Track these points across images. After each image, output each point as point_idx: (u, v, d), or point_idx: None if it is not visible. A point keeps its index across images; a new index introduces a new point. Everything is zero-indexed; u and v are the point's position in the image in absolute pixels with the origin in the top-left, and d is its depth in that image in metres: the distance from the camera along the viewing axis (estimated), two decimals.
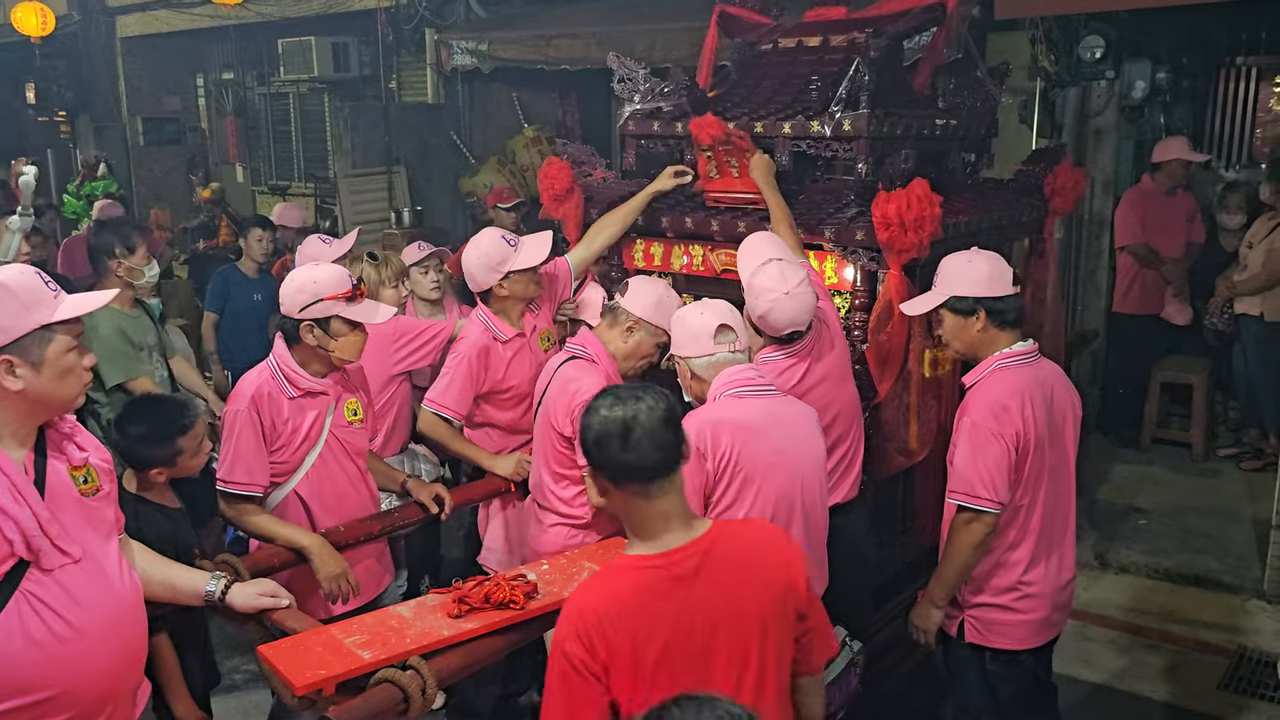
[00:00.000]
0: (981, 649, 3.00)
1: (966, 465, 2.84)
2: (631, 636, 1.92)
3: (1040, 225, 4.27)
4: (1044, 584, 2.95)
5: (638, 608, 1.94)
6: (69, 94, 12.41)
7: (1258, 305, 5.84)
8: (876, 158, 3.54)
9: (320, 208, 10.56)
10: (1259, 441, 6.19)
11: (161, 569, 2.57)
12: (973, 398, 2.92)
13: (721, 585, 1.99)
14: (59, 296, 2.19)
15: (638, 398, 1.98)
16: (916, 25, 4.00)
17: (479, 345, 3.64)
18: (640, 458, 1.94)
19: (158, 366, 4.41)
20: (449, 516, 3.47)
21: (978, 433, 2.83)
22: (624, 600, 1.95)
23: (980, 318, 2.94)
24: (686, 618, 1.96)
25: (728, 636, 1.99)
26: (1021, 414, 2.83)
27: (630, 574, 1.99)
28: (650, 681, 1.92)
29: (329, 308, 3.06)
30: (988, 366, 2.94)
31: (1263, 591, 4.82)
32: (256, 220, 6.38)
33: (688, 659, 1.96)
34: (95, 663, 2.19)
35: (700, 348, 2.83)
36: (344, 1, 9.20)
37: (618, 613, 1.93)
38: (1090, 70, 6.16)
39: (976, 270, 2.95)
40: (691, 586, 1.97)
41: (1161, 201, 6.32)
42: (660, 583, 1.96)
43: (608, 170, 4.27)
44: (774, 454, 2.73)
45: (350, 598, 3.11)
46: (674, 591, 1.96)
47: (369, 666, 2.34)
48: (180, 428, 3.04)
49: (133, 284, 4.33)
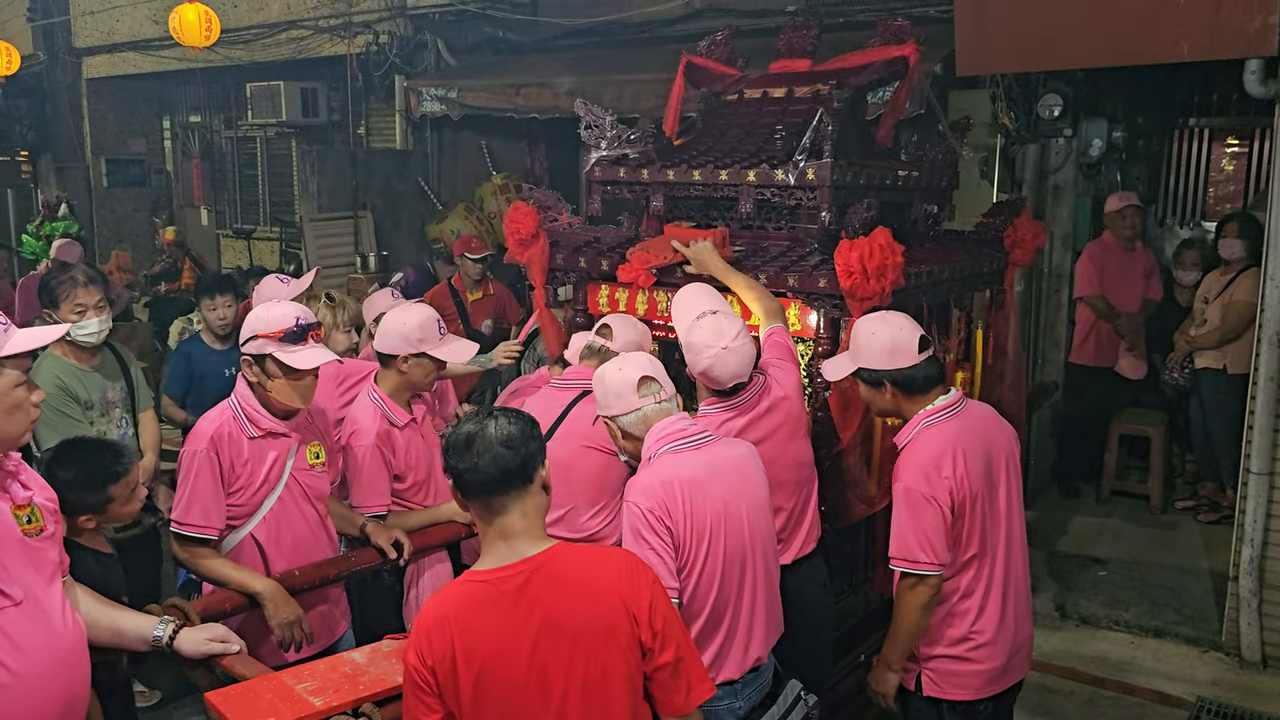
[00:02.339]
0: (939, 701, 2.98)
1: (905, 531, 2.83)
2: (453, 646, 1.99)
3: (1001, 276, 4.32)
4: (996, 631, 2.94)
5: (464, 619, 2.02)
6: (31, 134, 12.32)
7: (1219, 359, 5.94)
8: (839, 206, 3.57)
9: (285, 251, 10.52)
10: (1215, 495, 6.26)
11: (107, 613, 2.51)
12: (904, 461, 2.90)
13: (544, 605, 2.03)
14: (8, 330, 2.15)
15: (494, 416, 2.09)
16: (879, 78, 4.07)
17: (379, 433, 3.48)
18: (476, 471, 2.04)
19: (113, 425, 4.16)
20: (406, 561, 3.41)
21: (911, 497, 2.82)
22: (451, 611, 2.03)
23: (887, 389, 2.95)
24: (510, 634, 2.01)
25: (546, 657, 2.01)
26: (954, 472, 2.82)
27: (464, 587, 2.08)
28: (471, 702, 1.98)
29: (262, 346, 3.01)
30: (914, 427, 2.94)
31: (1220, 644, 4.85)
32: (211, 283, 5.26)
33: (503, 678, 2.00)
34: (34, 708, 2.12)
35: (625, 404, 2.72)
36: (313, 47, 9.24)
37: (444, 621, 2.02)
38: (1049, 128, 6.30)
39: (880, 341, 2.93)
40: (515, 603, 2.02)
41: (1120, 256, 6.46)
42: (486, 596, 2.03)
43: (574, 216, 4.28)
44: (719, 509, 2.64)
45: (304, 645, 3.05)
46: (497, 607, 2.02)
47: (320, 714, 2.29)
48: (112, 475, 2.91)
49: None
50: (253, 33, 9.61)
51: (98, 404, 4.13)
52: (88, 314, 4.04)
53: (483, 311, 6.40)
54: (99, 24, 11.30)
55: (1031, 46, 4.64)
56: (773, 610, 2.83)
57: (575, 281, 4.15)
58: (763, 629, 2.77)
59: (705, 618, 2.65)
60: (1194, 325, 6.08)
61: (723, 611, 2.68)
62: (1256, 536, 4.64)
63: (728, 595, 2.68)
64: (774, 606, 2.85)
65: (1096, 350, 6.54)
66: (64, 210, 10.56)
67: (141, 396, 4.37)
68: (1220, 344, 5.91)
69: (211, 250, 11.53)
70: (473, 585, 2.06)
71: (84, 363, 4.13)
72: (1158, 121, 7.09)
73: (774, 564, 2.86)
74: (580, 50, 7.94)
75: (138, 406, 4.34)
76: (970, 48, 4.72)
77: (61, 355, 4.08)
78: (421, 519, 3.56)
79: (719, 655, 2.70)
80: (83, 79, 11.76)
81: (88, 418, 4.06)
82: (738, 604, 2.70)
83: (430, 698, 2.03)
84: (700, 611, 2.65)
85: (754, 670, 2.76)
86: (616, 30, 7.65)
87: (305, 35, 9.26)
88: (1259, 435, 4.60)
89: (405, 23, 8.66)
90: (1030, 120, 6.30)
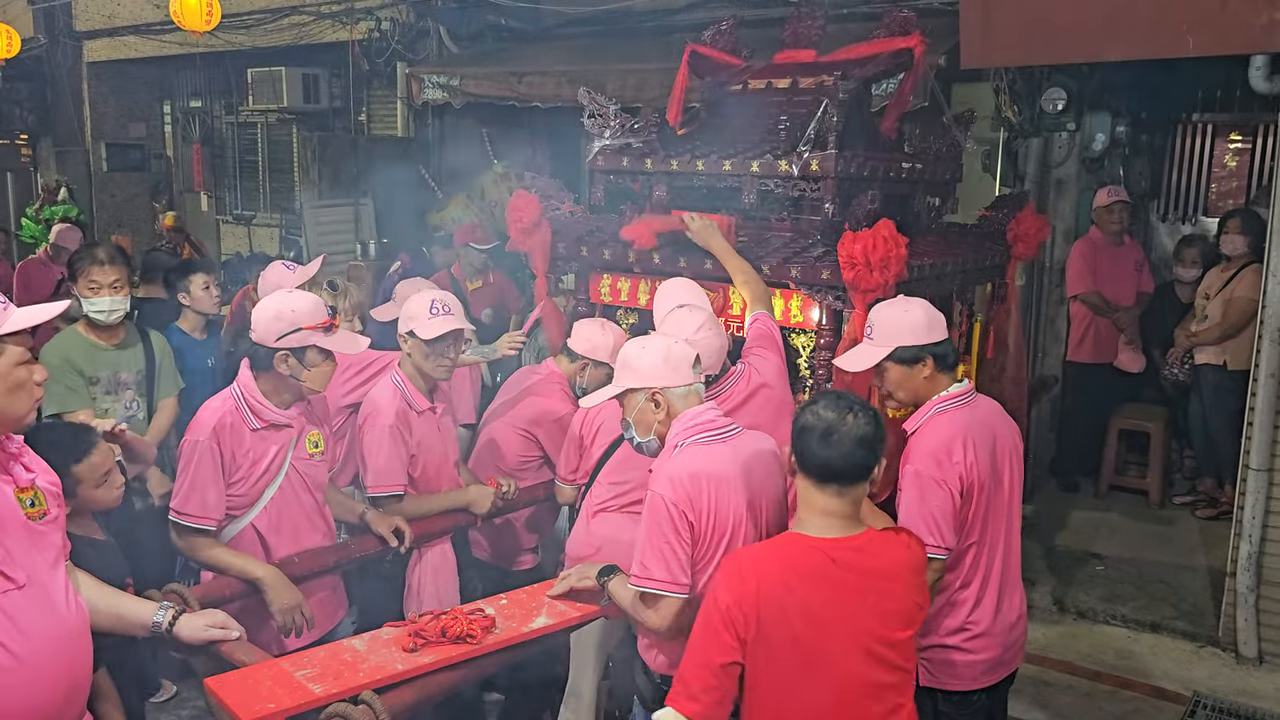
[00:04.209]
0: (934, 691, 2.98)
1: (912, 513, 2.83)
2: (777, 599, 2.17)
3: (1003, 270, 4.32)
4: (992, 621, 2.95)
5: (788, 577, 2.19)
6: (31, 117, 12.30)
7: (1220, 355, 5.93)
8: (843, 198, 3.57)
9: (285, 238, 10.49)
10: (1213, 491, 6.27)
11: (108, 598, 2.50)
12: (915, 445, 2.91)
13: (858, 576, 2.23)
14: (8, 309, 2.14)
15: (853, 410, 2.25)
16: (884, 70, 4.06)
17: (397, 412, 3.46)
18: (827, 459, 2.23)
19: (121, 406, 4.13)
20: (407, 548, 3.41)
21: (921, 481, 2.82)
22: (776, 567, 2.21)
23: (928, 364, 2.95)
24: (829, 601, 2.20)
25: (854, 622, 2.21)
26: (965, 458, 2.83)
27: (793, 547, 2.26)
28: (777, 652, 2.17)
29: (306, 337, 3.01)
30: (927, 411, 2.95)
31: (1217, 639, 4.85)
32: (201, 263, 5.23)
33: (815, 637, 2.19)
34: (38, 693, 2.12)
35: (681, 377, 2.71)
36: (315, 33, 9.21)
37: (770, 576, 2.19)
38: (1052, 122, 6.29)
39: (914, 318, 2.95)
40: (836, 572, 2.21)
41: (1110, 251, 6.45)
42: (814, 561, 2.22)
43: (576, 205, 4.27)
44: (744, 504, 2.62)
45: (304, 632, 3.05)
46: (822, 573, 2.21)
47: (319, 701, 2.29)
48: (73, 456, 2.87)
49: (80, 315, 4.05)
50: (254, 18, 9.57)
51: (105, 381, 4.11)
52: (101, 292, 4.05)
53: (482, 300, 6.38)
54: (100, 7, 11.26)
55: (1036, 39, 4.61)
56: None
57: (577, 271, 4.15)
58: None
59: None
60: (1195, 321, 6.08)
61: None
62: (1255, 533, 4.64)
63: None
64: None
65: (1094, 347, 6.53)
66: (63, 194, 10.55)
67: (164, 382, 4.32)
68: (1221, 340, 5.91)
69: (211, 236, 11.50)
70: (801, 547, 2.25)
71: (101, 340, 4.12)
72: (1161, 117, 7.07)
73: None
74: (583, 39, 7.91)
75: (158, 391, 4.30)
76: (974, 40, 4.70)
77: (81, 330, 4.11)
78: (435, 504, 3.56)
79: None
80: (83, 62, 11.72)
81: (90, 393, 4.04)
82: None
83: (734, 639, 2.18)
84: None
85: None
86: (620, 19, 7.61)
87: (307, 21, 9.23)
88: (1259, 432, 4.60)
89: (407, 9, 8.63)
90: (1033, 114, 6.30)
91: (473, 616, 2.65)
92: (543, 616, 2.78)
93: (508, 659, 2.72)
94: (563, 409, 3.89)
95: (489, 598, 2.95)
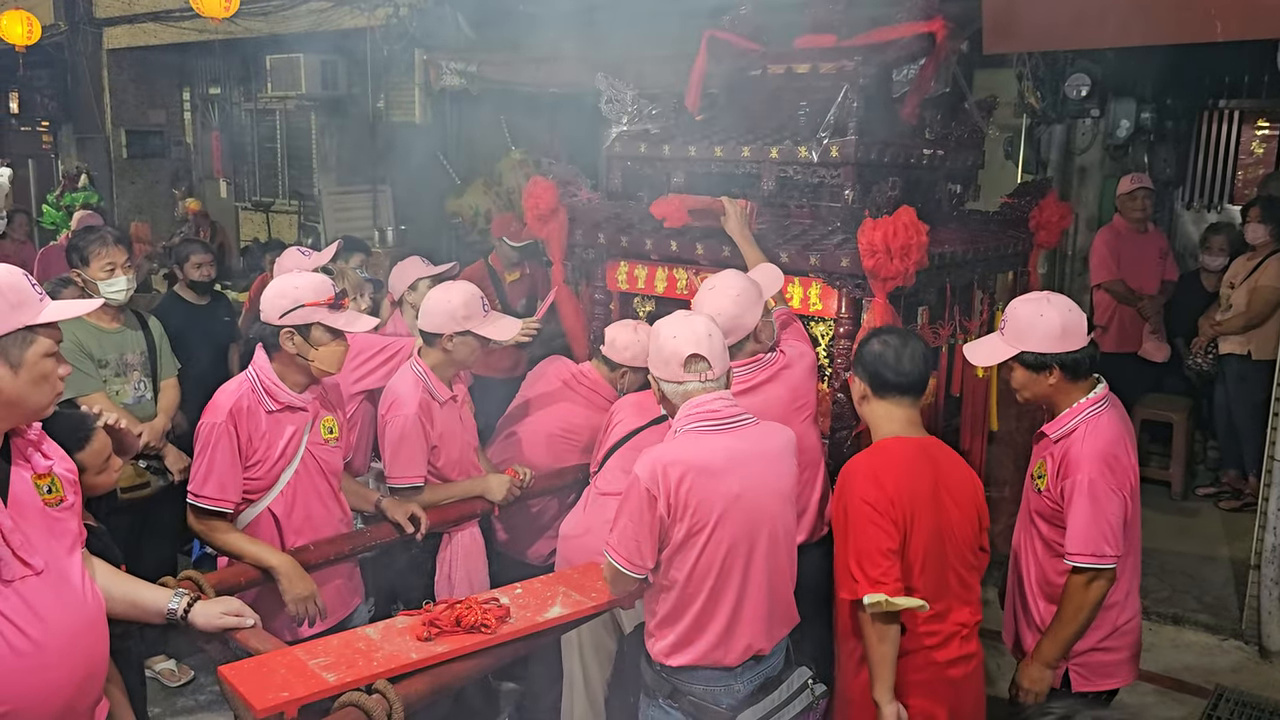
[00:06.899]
0: (1085, 695, 2.96)
1: (1090, 525, 2.75)
2: (905, 484, 2.66)
3: (1025, 259, 4.27)
4: (1133, 617, 2.96)
5: (899, 466, 2.69)
6: (52, 104, 12.34)
7: (1244, 344, 5.86)
8: (863, 184, 3.52)
9: (303, 225, 10.51)
10: (1237, 482, 6.20)
11: (123, 585, 2.50)
12: (1079, 452, 2.81)
13: (937, 468, 2.74)
14: (43, 300, 2.14)
15: (904, 338, 2.79)
16: (906, 54, 4.00)
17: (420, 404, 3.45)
18: (901, 375, 2.74)
19: (130, 387, 4.20)
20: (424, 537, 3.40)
21: (1096, 489, 2.75)
22: (890, 458, 2.71)
23: (1054, 373, 2.84)
24: (924, 481, 2.70)
25: (940, 501, 2.72)
26: (1129, 461, 2.82)
27: (894, 442, 2.76)
28: (909, 531, 2.66)
29: (309, 314, 3.01)
30: (1076, 416, 2.86)
31: (1240, 632, 4.81)
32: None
33: (922, 515, 2.67)
34: (55, 678, 2.12)
35: (670, 373, 2.66)
36: (333, 19, 9.19)
37: (892, 465, 2.69)
38: (1076, 108, 6.21)
39: (1048, 324, 2.82)
40: (924, 461, 2.73)
41: (1134, 239, 6.36)
42: (909, 453, 2.73)
43: (593, 192, 4.25)
44: (729, 498, 2.57)
45: (317, 620, 3.05)
46: (918, 459, 2.73)
47: (333, 689, 2.28)
48: (75, 442, 2.80)
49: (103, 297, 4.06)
50: (273, 4, 9.55)
51: (114, 364, 4.17)
52: (117, 272, 4.13)
53: (519, 291, 6.31)
54: None
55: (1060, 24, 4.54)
56: (778, 604, 2.73)
57: (594, 258, 4.12)
58: (763, 622, 2.67)
59: (702, 602, 2.59)
60: (1220, 310, 6.00)
61: (719, 598, 2.60)
62: (1279, 524, 4.58)
63: (727, 583, 2.60)
64: (780, 600, 2.74)
65: (1119, 336, 6.45)
66: (84, 181, 10.58)
67: (165, 363, 4.40)
68: (1245, 329, 5.83)
69: (230, 222, 11.53)
70: (900, 444, 2.75)
71: (105, 323, 4.17)
72: (1186, 103, 6.97)
73: (786, 558, 2.76)
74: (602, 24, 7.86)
75: (160, 373, 4.36)
76: (998, 25, 4.63)
77: (90, 318, 4.12)
78: (452, 492, 3.54)
79: (715, 640, 2.62)
80: (103, 49, 11.74)
81: (101, 376, 4.10)
82: (740, 593, 2.62)
83: (893, 526, 2.62)
84: (696, 595, 2.59)
85: (754, 659, 2.68)
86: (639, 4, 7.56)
87: (325, 7, 9.20)
88: None
89: None
90: (1057, 100, 6.21)
91: (487, 606, 2.63)
92: (557, 606, 2.76)
93: (522, 649, 2.71)
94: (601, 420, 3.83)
95: (504, 587, 2.94)
